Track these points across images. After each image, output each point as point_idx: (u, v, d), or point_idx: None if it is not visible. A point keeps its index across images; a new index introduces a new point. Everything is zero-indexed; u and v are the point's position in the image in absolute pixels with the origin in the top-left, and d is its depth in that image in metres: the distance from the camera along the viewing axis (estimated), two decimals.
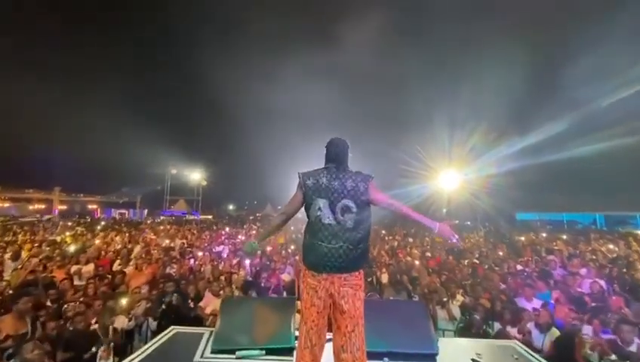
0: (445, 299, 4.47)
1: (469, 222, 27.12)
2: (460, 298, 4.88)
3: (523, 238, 13.75)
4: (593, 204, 27.93)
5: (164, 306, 4.10)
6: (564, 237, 15.00)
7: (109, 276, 5.64)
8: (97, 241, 9.53)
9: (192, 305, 4.52)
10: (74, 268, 5.72)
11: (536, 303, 4.93)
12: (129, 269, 5.96)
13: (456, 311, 4.42)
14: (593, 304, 4.68)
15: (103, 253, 8.33)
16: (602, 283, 5.74)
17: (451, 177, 19.90)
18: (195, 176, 22.54)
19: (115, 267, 6.86)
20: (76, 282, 5.43)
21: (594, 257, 7.77)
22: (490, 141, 22.33)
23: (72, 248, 7.15)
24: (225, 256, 8.32)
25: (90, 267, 6.01)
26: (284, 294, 5.31)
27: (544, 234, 17.18)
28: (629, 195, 24.08)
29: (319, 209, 2.04)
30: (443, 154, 20.83)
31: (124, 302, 3.98)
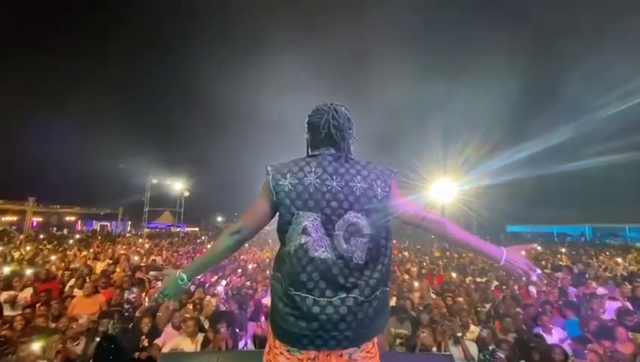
0: (459, 334, 3.65)
1: None
2: (474, 329, 4.07)
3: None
4: (582, 217, 28.14)
5: (97, 341, 3.16)
6: (563, 250, 14.53)
7: (53, 303, 4.64)
8: (54, 258, 8.41)
9: (145, 342, 3.58)
10: (4, 295, 4.70)
11: (560, 333, 4.18)
12: (78, 294, 4.97)
13: (473, 349, 3.60)
14: (630, 335, 3.94)
15: (60, 272, 7.28)
16: (629, 306, 5.06)
17: (446, 188, 19.38)
18: (177, 186, 21.33)
19: (69, 290, 5.85)
20: (8, 312, 4.43)
21: (609, 274, 7.09)
22: (484, 154, 22.17)
23: (6, 268, 6.06)
24: (200, 276, 7.31)
25: (28, 292, 4.99)
26: (263, 322, 4.41)
27: (539, 248, 16.72)
28: (617, 208, 24.30)
29: (305, 231, 1.17)
30: (438, 165, 20.40)
31: (43, 343, 3.01)
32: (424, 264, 9.89)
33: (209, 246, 14.87)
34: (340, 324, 1.12)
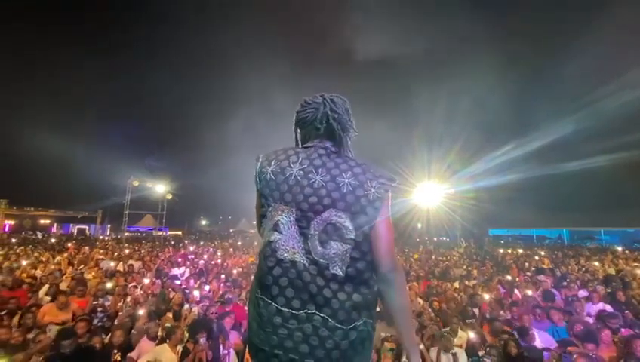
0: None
1: (446, 238, 27.10)
2: (462, 334, 4.02)
3: (507, 256, 13.36)
4: (561, 221, 29.07)
5: None
6: (542, 253, 14.89)
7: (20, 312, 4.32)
8: (25, 263, 7.93)
9: (118, 356, 3.35)
10: None
11: (547, 337, 4.18)
12: (46, 302, 4.66)
13: (463, 358, 3.53)
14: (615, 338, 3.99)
15: (29, 280, 6.84)
16: (609, 308, 5.16)
17: (431, 192, 19.58)
18: (160, 188, 20.69)
19: (42, 297, 5.49)
20: None
21: (590, 277, 7.25)
22: (467, 158, 22.56)
23: None
24: (180, 281, 7.04)
25: None
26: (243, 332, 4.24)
27: (520, 251, 17.12)
28: (593, 213, 25.24)
29: (276, 228, 1.03)
30: (423, 169, 20.61)
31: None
32: (411, 266, 9.86)
33: (191, 248, 14.08)
34: (302, 346, 0.93)
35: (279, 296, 0.98)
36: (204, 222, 51.70)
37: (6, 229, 30.46)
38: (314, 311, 0.95)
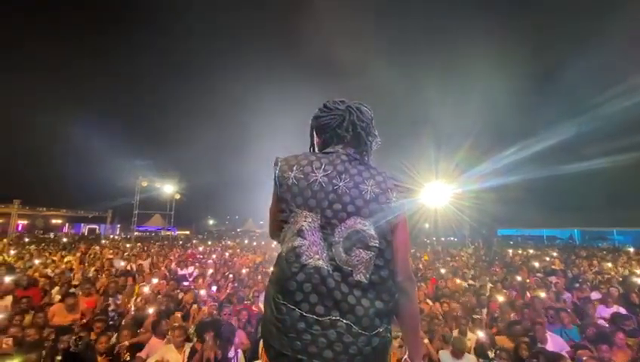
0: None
1: (454, 238, 26.85)
2: (471, 336, 3.97)
3: (517, 256, 13.15)
4: (572, 221, 28.54)
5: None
6: (555, 254, 14.64)
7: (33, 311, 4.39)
8: (37, 262, 8.07)
9: (127, 356, 3.38)
10: None
11: (560, 341, 4.10)
12: (56, 302, 4.73)
13: (472, 359, 3.49)
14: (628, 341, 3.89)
15: (42, 279, 6.97)
16: (622, 310, 5.04)
17: (439, 192, 19.39)
18: (168, 188, 20.94)
19: (55, 296, 5.59)
20: None
21: (600, 278, 7.09)
22: (475, 157, 22.28)
23: None
24: (189, 282, 7.09)
25: (8, 301, 4.72)
26: (259, 331, 4.24)
27: (531, 251, 16.86)
28: (605, 212, 24.73)
29: (300, 233, 1.02)
30: (430, 169, 20.42)
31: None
32: (420, 266, 9.79)
33: (200, 248, 14.09)
34: (326, 352, 0.92)
35: (303, 301, 0.97)
36: (211, 222, 52.09)
37: (19, 229, 31.08)
38: (338, 318, 0.96)
